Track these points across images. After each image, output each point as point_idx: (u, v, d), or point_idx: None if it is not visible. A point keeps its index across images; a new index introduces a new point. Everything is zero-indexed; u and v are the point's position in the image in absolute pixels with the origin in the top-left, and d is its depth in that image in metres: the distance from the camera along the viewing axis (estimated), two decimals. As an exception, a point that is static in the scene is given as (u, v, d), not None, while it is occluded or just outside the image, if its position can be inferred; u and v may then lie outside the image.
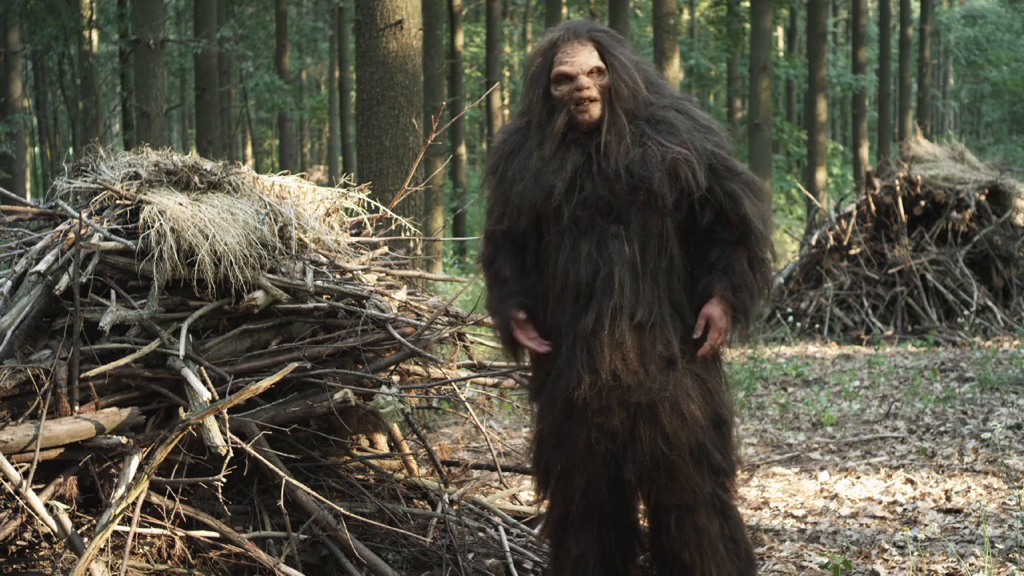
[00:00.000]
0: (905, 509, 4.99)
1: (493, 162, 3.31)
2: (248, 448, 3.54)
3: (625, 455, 3.15)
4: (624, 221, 3.10)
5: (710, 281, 3.15)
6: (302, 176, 4.84)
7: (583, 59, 3.11)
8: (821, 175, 19.36)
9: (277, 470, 3.61)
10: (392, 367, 4.33)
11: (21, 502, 3.42)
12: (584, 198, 3.09)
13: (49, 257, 3.93)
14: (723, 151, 3.16)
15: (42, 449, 3.53)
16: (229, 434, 3.42)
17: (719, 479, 3.23)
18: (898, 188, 11.27)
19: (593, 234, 3.10)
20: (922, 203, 11.26)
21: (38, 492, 3.52)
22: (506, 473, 4.95)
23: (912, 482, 5.45)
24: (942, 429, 6.57)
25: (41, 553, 3.66)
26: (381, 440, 4.65)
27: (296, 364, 3.81)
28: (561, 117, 3.12)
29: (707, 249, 3.18)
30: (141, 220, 3.93)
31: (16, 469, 3.45)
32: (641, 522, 3.45)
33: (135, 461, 3.56)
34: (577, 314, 3.13)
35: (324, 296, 4.30)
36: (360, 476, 4.36)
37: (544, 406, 3.27)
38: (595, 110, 3.10)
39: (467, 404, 4.49)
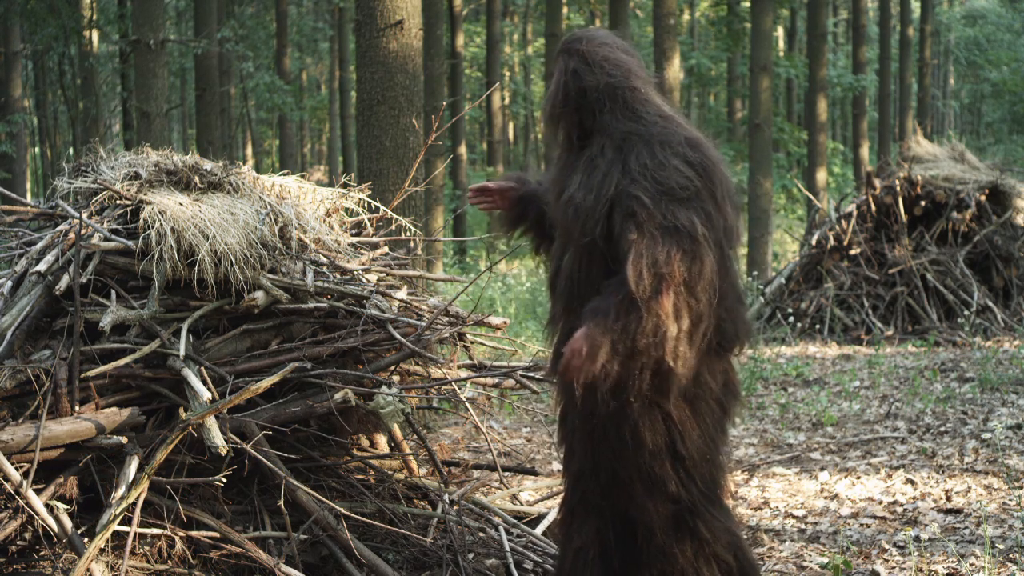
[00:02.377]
0: (905, 509, 4.99)
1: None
2: (248, 448, 3.54)
3: (586, 460, 3.21)
4: (597, 231, 3.12)
5: (590, 303, 2.99)
6: (302, 176, 4.84)
7: (559, 79, 3.26)
8: (821, 175, 19.35)
9: (277, 470, 3.61)
10: (392, 367, 4.33)
11: (21, 502, 3.42)
12: (568, 207, 3.19)
13: (49, 257, 3.93)
14: (639, 192, 2.93)
15: (42, 449, 3.52)
16: (229, 434, 3.43)
17: (681, 506, 3.12)
18: (898, 188, 11.27)
19: (573, 243, 3.16)
20: (922, 203, 11.26)
21: (38, 492, 3.52)
22: (506, 473, 4.95)
23: (912, 482, 5.45)
24: (942, 429, 6.57)
25: (41, 553, 3.66)
26: (381, 440, 4.65)
27: (296, 364, 3.81)
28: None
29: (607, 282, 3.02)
30: (141, 220, 3.93)
31: (16, 469, 3.45)
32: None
33: (135, 461, 3.56)
34: (556, 322, 3.27)
35: (324, 296, 4.30)
36: (360, 476, 4.36)
37: (560, 384, 3.30)
38: (549, 131, 3.30)
39: (467, 404, 4.49)
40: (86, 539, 3.50)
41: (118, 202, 4.14)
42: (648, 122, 3.10)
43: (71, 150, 21.34)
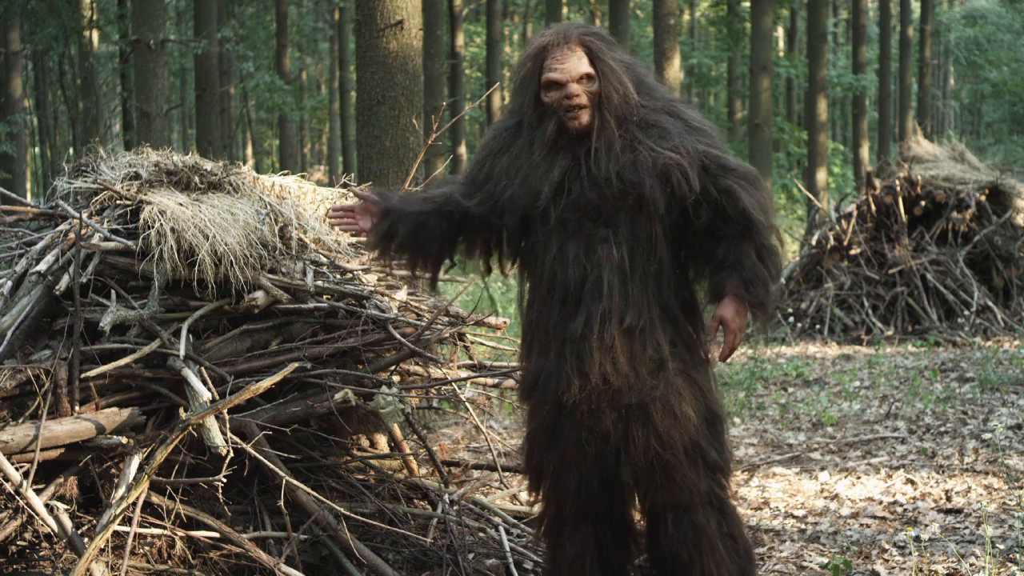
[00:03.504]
0: (905, 509, 4.99)
1: (482, 156, 3.33)
2: (248, 448, 3.54)
3: (619, 457, 3.15)
4: (612, 225, 3.10)
5: (720, 280, 3.11)
6: (302, 176, 4.85)
7: (572, 65, 3.08)
8: (821, 175, 19.36)
9: (277, 470, 3.61)
10: (392, 367, 4.33)
11: (21, 502, 3.42)
12: (572, 201, 3.10)
13: (49, 257, 3.93)
14: (715, 149, 3.14)
15: (42, 449, 3.52)
16: (229, 434, 3.42)
17: (715, 476, 3.22)
18: (898, 188, 11.27)
19: (581, 237, 3.11)
20: (922, 203, 11.26)
21: (38, 492, 3.52)
22: (506, 473, 4.95)
23: (912, 482, 5.44)
24: (942, 429, 6.57)
25: (41, 553, 3.66)
26: (381, 440, 4.65)
27: (296, 364, 3.81)
28: (551, 123, 3.11)
29: (712, 247, 3.14)
30: (141, 220, 3.93)
31: (16, 469, 3.44)
32: (638, 522, 3.45)
33: (135, 461, 3.56)
34: (566, 317, 3.13)
35: (324, 296, 4.30)
36: (360, 476, 4.36)
37: (534, 407, 3.27)
38: (584, 117, 3.09)
39: (467, 404, 4.50)
40: (86, 539, 3.50)
41: (118, 202, 4.14)
42: (668, 96, 3.27)
43: (71, 150, 21.34)
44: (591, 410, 3.11)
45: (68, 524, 3.44)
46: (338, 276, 4.42)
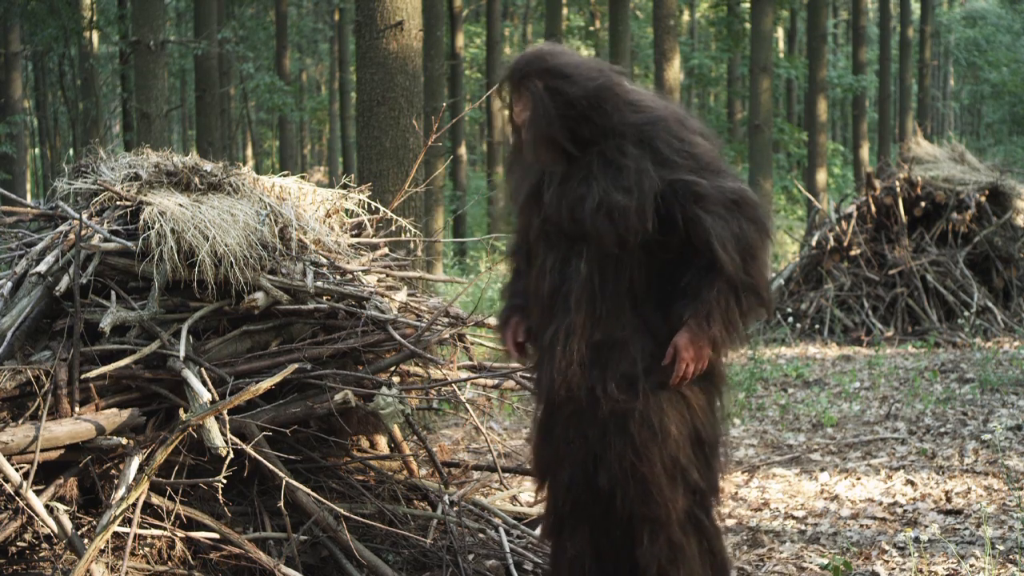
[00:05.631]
0: (905, 510, 4.99)
1: (508, 165, 3.42)
2: (248, 449, 3.54)
3: (597, 461, 3.13)
4: (583, 242, 3.09)
5: (681, 307, 3.07)
6: (302, 177, 4.85)
7: (519, 112, 3.15)
8: (821, 176, 19.36)
9: (277, 471, 3.61)
10: (392, 368, 4.33)
11: (21, 503, 3.42)
12: (548, 216, 3.13)
13: (49, 258, 3.93)
14: (691, 175, 3.02)
15: (42, 450, 3.52)
16: (229, 435, 3.42)
17: (696, 497, 3.18)
18: (898, 189, 11.27)
19: (559, 249, 3.12)
20: (922, 204, 11.26)
21: (38, 493, 3.52)
22: (506, 474, 4.95)
23: (912, 483, 5.44)
24: (942, 430, 6.57)
25: (41, 554, 3.66)
26: (381, 441, 4.65)
27: (296, 365, 3.81)
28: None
29: (682, 273, 3.10)
30: (141, 221, 3.93)
31: (16, 470, 3.44)
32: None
33: (135, 462, 3.56)
34: (542, 325, 3.17)
35: (324, 297, 4.30)
36: (360, 477, 4.36)
37: (536, 402, 3.32)
38: (542, 155, 3.13)
39: (467, 405, 4.49)
40: (86, 540, 3.50)
41: (118, 203, 4.14)
42: (652, 108, 3.14)
43: (71, 151, 21.34)
44: (573, 411, 3.14)
45: (68, 525, 3.44)
46: (338, 277, 4.42)
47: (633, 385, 3.08)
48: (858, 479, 5.60)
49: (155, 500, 3.68)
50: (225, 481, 3.50)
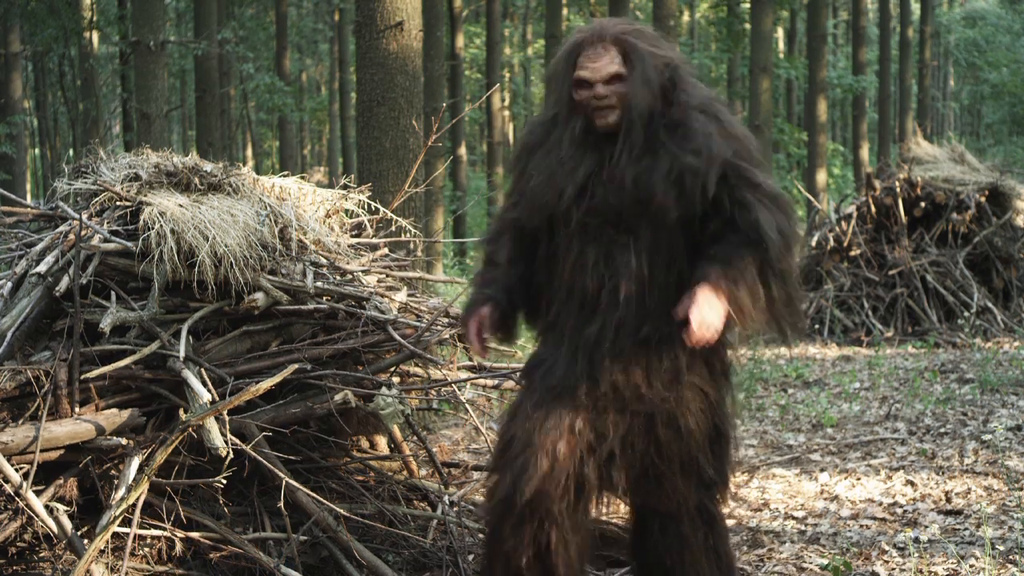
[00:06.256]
0: (905, 511, 4.99)
1: (517, 153, 3.27)
2: (248, 450, 3.54)
3: (613, 461, 3.07)
4: (633, 232, 3.02)
5: (706, 267, 2.94)
6: (302, 177, 4.85)
7: (603, 65, 3.02)
8: (821, 176, 19.36)
9: (277, 471, 3.61)
10: (392, 368, 4.33)
11: (21, 503, 3.42)
12: (594, 205, 3.02)
13: (49, 258, 3.93)
14: (743, 161, 3.02)
15: (42, 450, 3.52)
16: (229, 435, 3.42)
17: (708, 492, 3.18)
18: (898, 189, 11.27)
19: (601, 243, 3.03)
20: (922, 204, 11.26)
21: (38, 493, 3.52)
22: (506, 474, 4.94)
23: (912, 483, 5.44)
24: (942, 430, 6.57)
25: (41, 555, 3.66)
26: (381, 442, 4.65)
27: (296, 366, 3.80)
28: (579, 121, 3.05)
29: (709, 246, 3.01)
30: (141, 221, 3.93)
31: (16, 470, 3.45)
32: (622, 527, 3.42)
33: (135, 462, 3.56)
34: (581, 323, 3.06)
35: (324, 297, 4.30)
36: (360, 477, 4.36)
37: (534, 386, 3.15)
38: (612, 117, 3.02)
39: (467, 406, 4.49)
40: (86, 540, 3.50)
41: (118, 203, 4.14)
42: (709, 95, 3.15)
43: (71, 151, 21.34)
44: (595, 409, 3.04)
45: (68, 525, 3.44)
46: (338, 277, 4.43)
47: (676, 381, 3.04)
48: (858, 479, 5.60)
49: (155, 500, 3.68)
50: (225, 482, 3.50)
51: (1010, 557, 4.18)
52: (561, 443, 3.04)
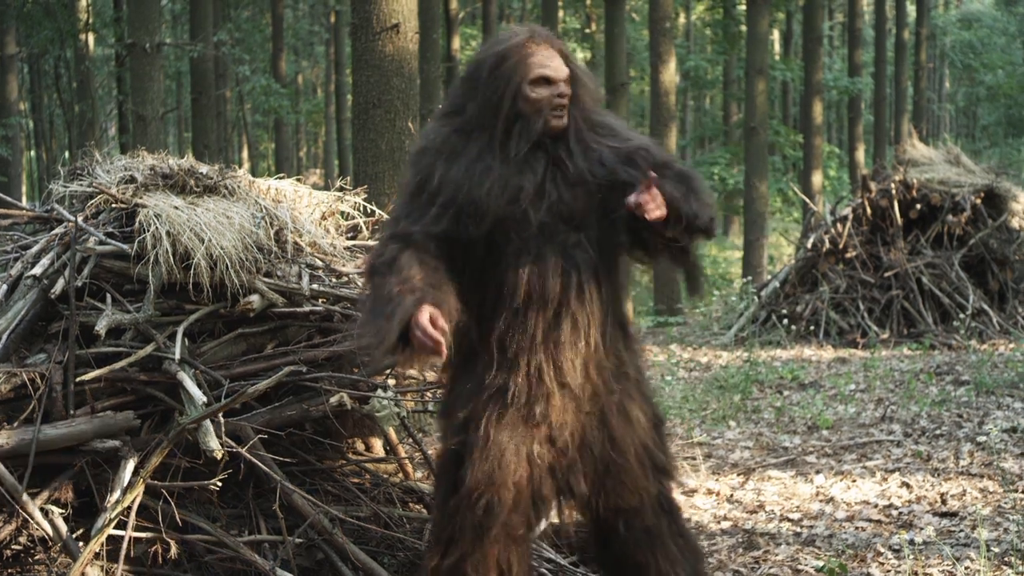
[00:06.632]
0: (901, 512, 5.00)
1: (424, 162, 3.07)
2: (243, 452, 3.54)
3: (574, 468, 3.05)
4: (584, 228, 3.04)
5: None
6: (298, 180, 4.85)
7: (559, 65, 3.06)
8: (817, 178, 19.38)
9: (272, 474, 3.61)
10: (388, 371, 4.33)
11: (16, 506, 3.41)
12: (551, 204, 3.01)
13: (45, 261, 3.92)
14: (650, 149, 3.14)
15: (37, 453, 3.52)
16: (224, 438, 3.42)
17: (662, 479, 3.23)
18: (894, 191, 11.28)
19: (557, 243, 3.02)
20: (918, 206, 11.28)
21: (33, 496, 3.52)
22: (502, 477, 4.94)
23: (908, 485, 5.45)
24: (938, 432, 6.58)
25: (36, 558, 3.66)
26: (377, 444, 4.64)
27: (292, 368, 3.81)
28: (535, 122, 3.01)
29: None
30: (137, 224, 3.93)
31: (11, 473, 3.44)
32: (578, 534, 3.44)
33: (130, 465, 3.55)
34: (548, 327, 3.00)
35: (320, 300, 4.30)
36: (356, 480, 4.35)
37: (475, 418, 3.02)
38: (566, 117, 3.06)
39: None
40: (81, 543, 3.50)
41: (114, 206, 4.14)
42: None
43: (67, 153, 21.33)
44: (558, 422, 3.01)
45: (63, 528, 3.44)
46: (334, 279, 4.42)
47: (623, 376, 3.13)
48: (853, 481, 5.60)
49: (150, 503, 3.68)
50: (220, 484, 3.50)
51: (1005, 559, 4.18)
52: (521, 472, 2.99)
